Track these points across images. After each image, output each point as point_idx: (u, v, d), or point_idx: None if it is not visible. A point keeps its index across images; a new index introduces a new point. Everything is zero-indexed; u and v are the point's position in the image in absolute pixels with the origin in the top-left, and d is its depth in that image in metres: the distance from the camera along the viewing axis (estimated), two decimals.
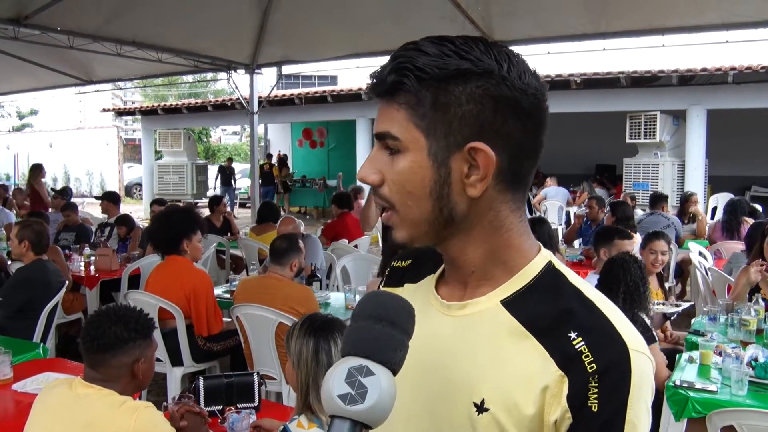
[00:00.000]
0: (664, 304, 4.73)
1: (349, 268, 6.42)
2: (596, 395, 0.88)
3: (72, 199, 10.33)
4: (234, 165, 21.41)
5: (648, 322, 3.78)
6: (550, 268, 1.01)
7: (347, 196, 8.55)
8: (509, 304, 0.98)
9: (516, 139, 0.95)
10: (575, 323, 0.92)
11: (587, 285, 1.00)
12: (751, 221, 7.29)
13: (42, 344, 4.15)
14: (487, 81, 0.92)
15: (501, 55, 0.93)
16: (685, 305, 4.52)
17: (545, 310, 0.95)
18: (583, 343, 0.90)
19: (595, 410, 0.88)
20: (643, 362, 0.91)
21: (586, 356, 0.89)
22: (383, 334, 0.83)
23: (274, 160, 19.90)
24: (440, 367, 0.99)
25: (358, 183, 14.24)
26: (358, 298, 5.09)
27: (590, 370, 0.88)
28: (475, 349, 0.97)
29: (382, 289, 1.24)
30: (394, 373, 0.82)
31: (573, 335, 0.91)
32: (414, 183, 0.95)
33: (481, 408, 0.93)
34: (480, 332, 0.98)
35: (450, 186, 0.95)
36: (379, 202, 1.00)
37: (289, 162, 20.94)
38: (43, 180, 11.97)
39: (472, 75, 0.92)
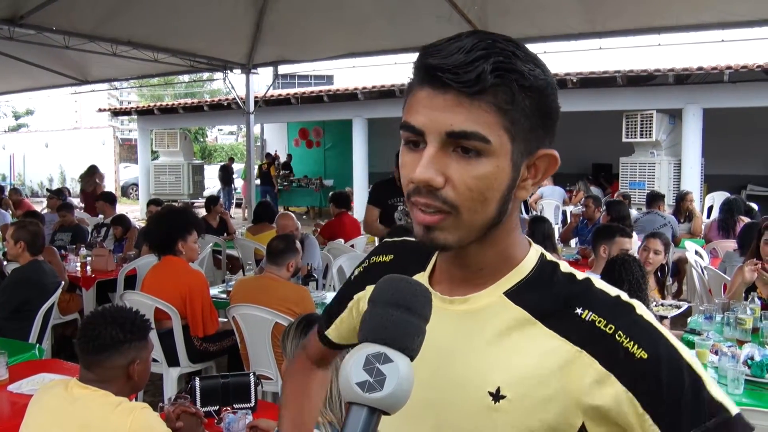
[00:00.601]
0: (663, 305, 4.73)
1: (345, 267, 6.41)
2: (636, 345, 0.89)
3: (68, 200, 10.33)
4: (234, 165, 21.33)
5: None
6: (544, 260, 1.04)
7: (346, 196, 8.50)
8: (512, 295, 0.99)
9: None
10: (577, 300, 0.96)
11: (576, 271, 1.03)
12: (747, 220, 7.30)
13: (38, 345, 4.14)
14: (552, 92, 0.95)
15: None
16: (684, 306, 4.50)
17: (548, 298, 0.98)
18: (591, 312, 0.94)
19: (647, 356, 0.89)
20: (645, 309, 0.95)
21: (599, 321, 0.93)
22: (401, 320, 0.83)
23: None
24: (447, 362, 0.99)
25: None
26: None
27: (610, 331, 0.91)
28: (484, 341, 0.98)
29: (355, 275, 1.25)
30: (412, 359, 0.82)
31: (579, 310, 0.94)
32: (493, 188, 0.93)
33: (497, 396, 0.95)
34: (486, 324, 0.99)
35: (513, 190, 0.96)
36: (431, 205, 0.93)
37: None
38: (98, 182, 11.95)
39: (549, 86, 0.94)
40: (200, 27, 9.25)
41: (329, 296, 5.36)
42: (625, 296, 0.97)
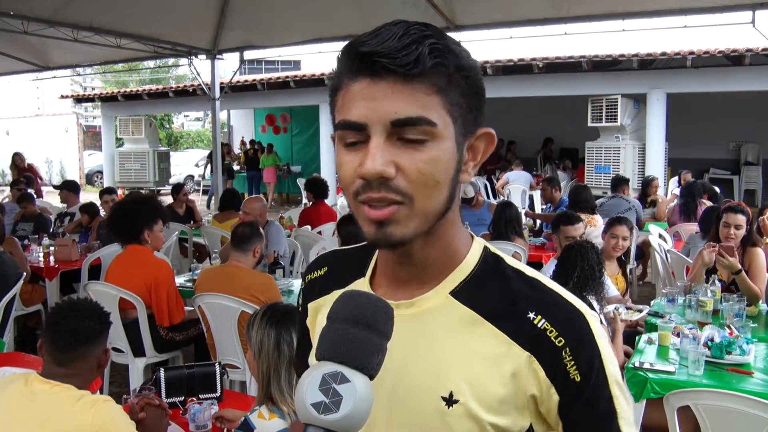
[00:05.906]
0: (628, 309, 4.68)
1: (313, 255, 6.39)
2: (575, 366, 0.92)
3: (27, 191, 10.12)
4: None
5: (596, 305, 3.85)
6: (488, 253, 1.02)
7: (323, 184, 8.16)
8: (458, 294, 0.98)
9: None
10: (530, 303, 0.95)
11: (522, 264, 1.03)
12: (708, 203, 7.42)
13: None
14: (479, 73, 0.96)
15: None
16: (645, 311, 4.49)
17: (495, 295, 0.97)
18: (544, 320, 0.93)
19: (579, 380, 0.92)
20: (597, 321, 0.97)
21: (551, 332, 0.93)
22: (359, 338, 0.80)
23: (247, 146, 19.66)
24: (398, 370, 0.97)
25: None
26: None
27: (559, 345, 0.92)
28: (433, 344, 0.96)
29: (300, 305, 1.20)
30: (371, 378, 0.80)
31: (532, 315, 0.94)
32: (442, 172, 0.91)
33: (450, 401, 0.94)
34: (434, 327, 0.97)
35: (459, 173, 0.95)
36: (386, 198, 0.89)
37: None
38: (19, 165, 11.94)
39: (476, 67, 0.95)
40: (164, 12, 9.09)
41: (296, 283, 5.34)
42: (578, 303, 0.97)
